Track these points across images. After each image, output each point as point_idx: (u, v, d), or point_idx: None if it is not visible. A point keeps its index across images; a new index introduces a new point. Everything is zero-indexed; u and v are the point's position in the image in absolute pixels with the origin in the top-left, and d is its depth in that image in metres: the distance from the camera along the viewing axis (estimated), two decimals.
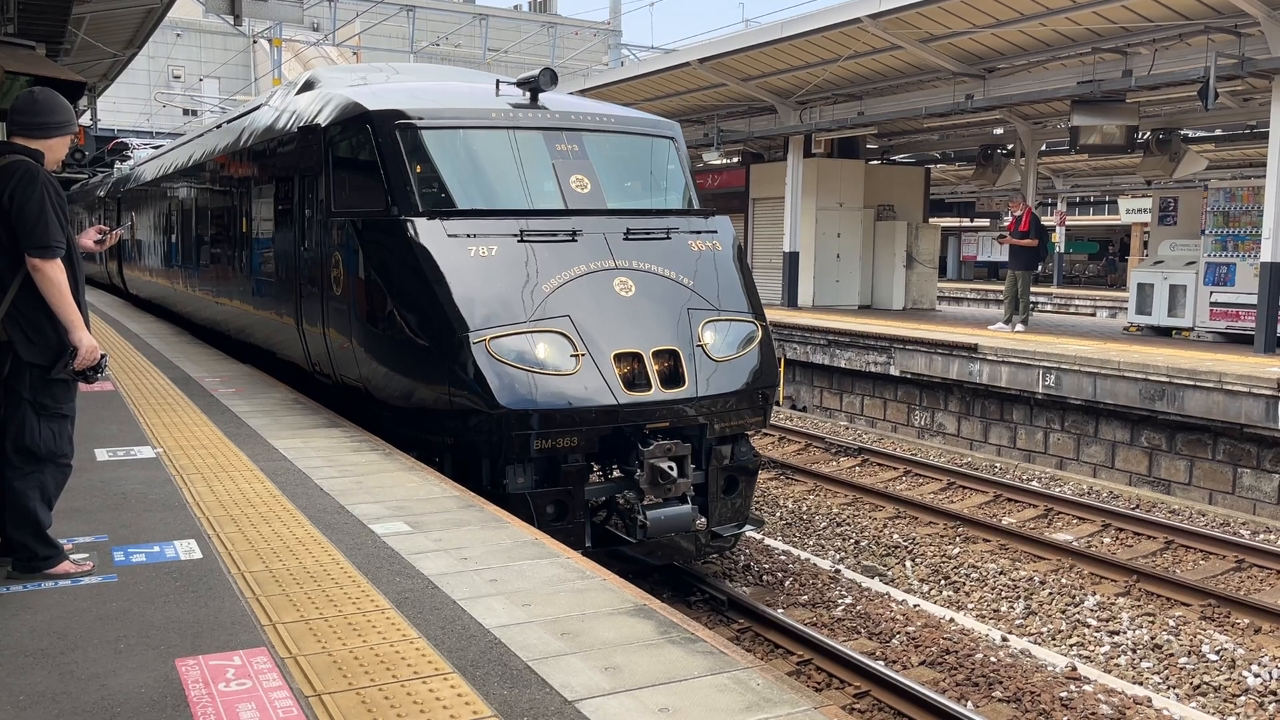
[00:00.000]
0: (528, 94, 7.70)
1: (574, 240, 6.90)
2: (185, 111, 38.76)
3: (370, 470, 6.04)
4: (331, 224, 7.72)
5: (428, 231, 6.72)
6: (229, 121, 12.32)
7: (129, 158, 26.11)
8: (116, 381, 9.11)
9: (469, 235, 6.73)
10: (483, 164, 7.45)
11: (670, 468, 6.56)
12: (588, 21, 44.35)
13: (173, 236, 14.44)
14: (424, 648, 3.48)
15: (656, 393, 6.59)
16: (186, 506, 5.16)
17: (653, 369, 6.64)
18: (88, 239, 4.68)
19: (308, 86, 9.37)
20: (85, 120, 23.10)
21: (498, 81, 8.00)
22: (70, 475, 4.21)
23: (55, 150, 4.13)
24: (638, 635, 3.63)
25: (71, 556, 4.20)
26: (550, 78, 7.65)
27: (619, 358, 6.56)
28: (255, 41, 32.92)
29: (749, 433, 7.41)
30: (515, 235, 6.78)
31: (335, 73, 9.97)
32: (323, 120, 7.98)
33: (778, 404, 13.42)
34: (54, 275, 3.92)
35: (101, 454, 6.27)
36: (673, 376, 6.72)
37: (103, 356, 4.06)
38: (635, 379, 6.59)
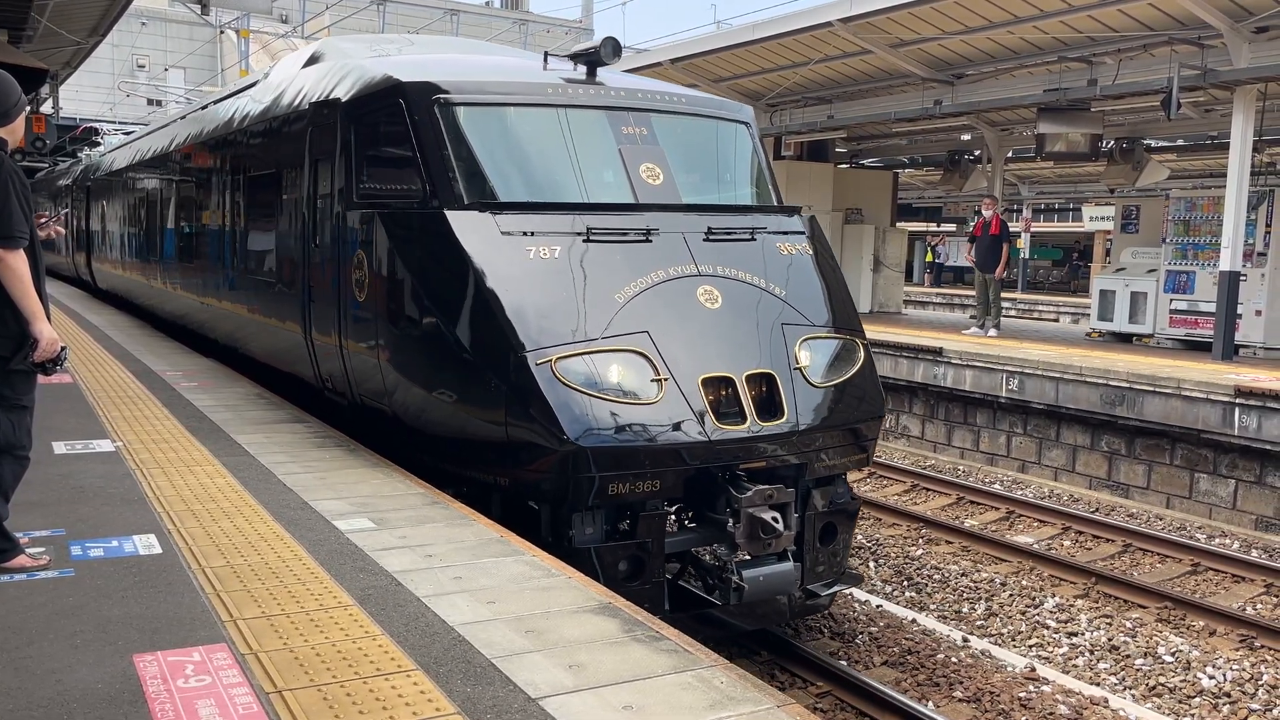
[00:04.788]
0: (583, 68, 6.70)
1: (648, 241, 5.89)
2: (150, 101, 38.26)
3: (334, 466, 6.00)
4: (352, 217, 6.71)
5: (478, 227, 5.72)
6: (217, 101, 11.38)
7: (98, 144, 25.68)
8: (76, 374, 8.98)
9: (526, 233, 5.72)
10: (538, 148, 6.42)
11: (775, 519, 5.51)
12: (560, 19, 44.27)
13: (151, 229, 13.33)
14: (387, 644, 3.46)
15: (753, 426, 5.53)
16: (146, 501, 5.10)
17: (747, 397, 5.58)
18: None
19: (313, 60, 8.43)
20: (47, 108, 22.75)
21: (546, 54, 7.11)
22: (28, 468, 4.15)
23: (16, 131, 4.08)
24: (602, 633, 3.63)
25: (28, 550, 4.13)
26: (613, 49, 6.54)
27: (706, 383, 5.52)
28: (222, 32, 32.53)
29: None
30: (580, 234, 5.78)
31: (346, 44, 8.85)
32: (342, 95, 6.95)
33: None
34: (16, 265, 3.86)
35: (60, 447, 6.18)
36: (768, 406, 5.67)
37: (63, 349, 4.01)
38: (723, 408, 5.54)
